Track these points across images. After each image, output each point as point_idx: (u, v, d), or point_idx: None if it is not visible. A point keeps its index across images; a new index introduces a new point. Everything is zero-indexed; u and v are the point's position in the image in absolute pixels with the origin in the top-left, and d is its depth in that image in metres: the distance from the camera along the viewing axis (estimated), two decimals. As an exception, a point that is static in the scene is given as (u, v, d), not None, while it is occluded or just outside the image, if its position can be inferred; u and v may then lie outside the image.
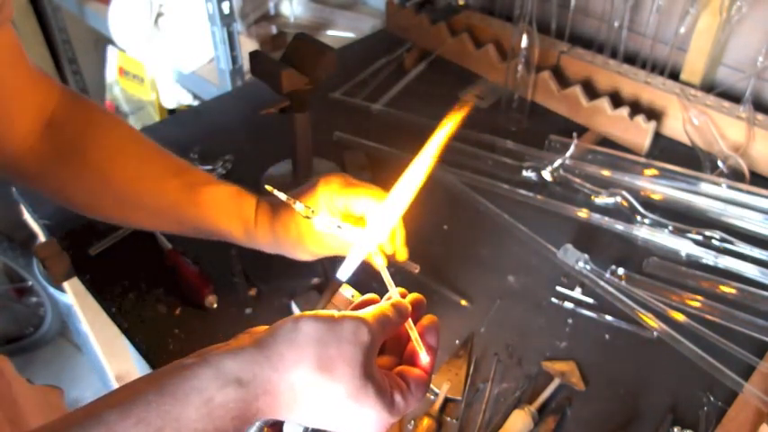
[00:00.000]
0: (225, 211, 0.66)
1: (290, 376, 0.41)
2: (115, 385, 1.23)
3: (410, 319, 0.48)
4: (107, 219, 0.71)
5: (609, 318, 0.77)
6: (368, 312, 0.45)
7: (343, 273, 0.53)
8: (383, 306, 0.47)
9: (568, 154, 0.95)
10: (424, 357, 0.48)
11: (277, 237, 0.65)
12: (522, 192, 0.93)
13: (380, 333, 0.44)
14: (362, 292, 0.55)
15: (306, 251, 0.65)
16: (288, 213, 0.64)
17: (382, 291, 0.49)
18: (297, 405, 0.42)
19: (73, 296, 1.07)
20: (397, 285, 0.48)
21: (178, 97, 1.63)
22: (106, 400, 0.38)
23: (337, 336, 0.42)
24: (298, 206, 0.50)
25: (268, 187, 0.49)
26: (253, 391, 0.40)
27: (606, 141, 1.04)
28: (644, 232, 0.85)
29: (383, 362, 0.49)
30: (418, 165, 0.52)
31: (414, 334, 0.48)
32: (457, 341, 0.75)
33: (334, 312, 0.44)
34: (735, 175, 0.93)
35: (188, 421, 0.38)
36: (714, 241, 0.84)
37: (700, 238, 0.84)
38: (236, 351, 0.41)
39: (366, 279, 0.80)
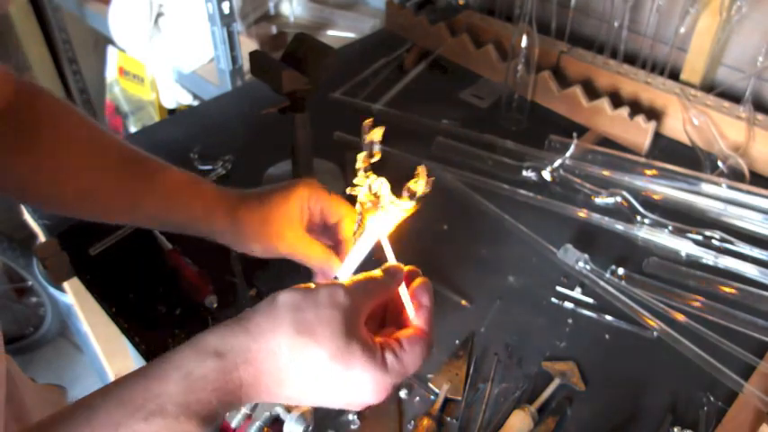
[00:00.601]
0: (182, 197, 0.64)
1: (269, 344, 0.41)
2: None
3: (403, 284, 0.48)
4: (65, 210, 0.69)
5: (609, 318, 0.77)
6: (348, 279, 0.45)
7: (344, 273, 0.53)
8: (371, 272, 0.47)
9: (568, 154, 0.95)
10: (411, 313, 0.48)
11: (237, 222, 0.63)
12: (522, 192, 0.93)
13: (364, 296, 0.44)
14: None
15: (264, 243, 0.63)
16: (256, 200, 0.63)
17: (382, 291, 0.49)
18: (281, 374, 0.41)
19: (73, 296, 1.07)
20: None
21: (178, 97, 1.63)
22: (98, 390, 0.39)
23: (314, 301, 0.42)
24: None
25: None
26: (232, 360, 0.40)
27: (606, 141, 1.04)
28: (644, 232, 0.85)
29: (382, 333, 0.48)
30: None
31: (404, 294, 0.48)
32: (457, 341, 0.75)
33: (312, 284, 0.44)
34: (735, 175, 0.93)
35: (168, 396, 0.38)
36: (714, 241, 0.84)
37: (700, 238, 0.84)
38: (215, 327, 0.42)
39: (366, 279, 0.81)
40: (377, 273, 0.47)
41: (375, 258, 0.51)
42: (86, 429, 0.37)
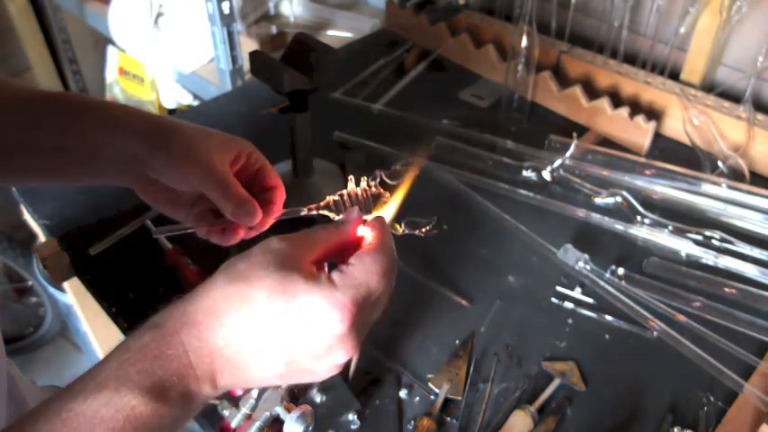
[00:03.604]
0: (109, 126, 0.55)
1: (204, 302, 0.41)
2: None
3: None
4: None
5: (609, 318, 0.77)
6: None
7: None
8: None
9: (568, 154, 0.95)
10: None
11: (165, 136, 0.55)
12: (522, 192, 0.93)
13: (304, 239, 0.43)
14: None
15: (187, 161, 0.54)
16: (192, 127, 0.56)
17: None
18: (225, 329, 0.40)
19: (73, 296, 1.07)
20: (397, 284, 0.48)
21: (178, 97, 1.63)
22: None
23: (246, 254, 0.42)
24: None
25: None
26: (171, 327, 0.40)
27: (606, 141, 1.04)
28: (644, 232, 0.85)
29: None
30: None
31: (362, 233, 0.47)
32: (457, 341, 0.75)
33: None
34: (735, 175, 0.93)
35: (107, 373, 0.38)
36: (714, 241, 0.84)
37: (700, 238, 0.84)
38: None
39: (366, 279, 0.81)
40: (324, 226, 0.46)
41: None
42: (33, 419, 0.36)
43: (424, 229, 0.54)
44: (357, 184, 0.52)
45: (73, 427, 0.36)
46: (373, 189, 0.52)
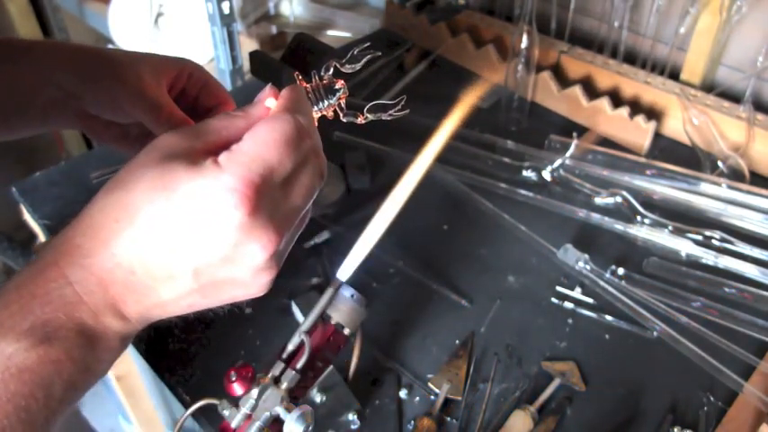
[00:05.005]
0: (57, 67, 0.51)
1: (83, 222, 0.35)
2: (115, 385, 1.23)
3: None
4: None
5: (609, 318, 0.77)
6: None
7: (343, 273, 0.53)
8: None
9: (568, 154, 0.95)
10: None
11: (99, 60, 0.51)
12: (522, 192, 0.93)
13: (200, 128, 0.37)
14: (362, 293, 0.55)
15: (115, 96, 0.50)
16: (123, 53, 0.52)
17: (383, 291, 0.49)
18: (109, 245, 0.34)
19: (73, 296, 1.07)
20: (397, 284, 0.48)
21: (178, 97, 1.63)
22: None
23: (127, 163, 0.36)
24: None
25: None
26: (48, 258, 0.34)
27: (606, 141, 1.04)
28: (644, 232, 0.85)
29: None
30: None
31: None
32: (457, 341, 0.75)
33: None
34: (735, 175, 0.93)
35: None
36: (714, 241, 0.84)
37: (700, 238, 0.84)
38: None
39: (366, 279, 0.81)
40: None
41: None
42: None
43: (391, 112, 0.46)
44: (309, 80, 0.45)
45: None
46: (325, 81, 0.45)
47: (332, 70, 0.46)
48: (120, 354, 0.38)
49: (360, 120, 0.46)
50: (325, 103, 0.45)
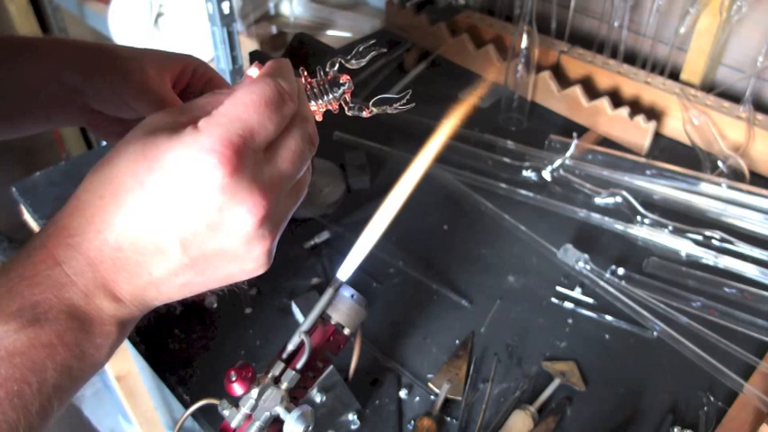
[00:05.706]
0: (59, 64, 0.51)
1: (71, 203, 0.34)
2: (115, 385, 1.23)
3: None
4: None
5: (609, 318, 0.77)
6: None
7: (344, 273, 0.53)
8: None
9: (568, 154, 0.95)
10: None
11: (104, 57, 0.51)
12: (522, 192, 0.93)
13: (185, 106, 0.36)
14: (362, 293, 0.55)
15: (119, 91, 0.51)
16: (129, 48, 0.52)
17: (383, 291, 0.49)
18: (96, 222, 0.33)
19: (73, 296, 1.07)
20: (397, 284, 0.48)
21: (178, 97, 1.63)
22: None
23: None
24: None
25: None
26: (37, 241, 0.34)
27: (606, 141, 1.04)
28: (644, 232, 0.85)
29: None
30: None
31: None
32: (457, 341, 0.75)
33: None
34: (735, 175, 0.93)
35: None
36: (714, 241, 0.84)
37: (700, 238, 0.84)
38: None
39: (366, 279, 0.81)
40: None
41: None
42: None
43: (396, 105, 0.45)
44: (314, 76, 0.45)
45: None
46: (330, 76, 0.44)
47: (337, 66, 0.45)
48: (119, 341, 0.36)
49: (365, 113, 0.45)
50: (330, 96, 0.45)
